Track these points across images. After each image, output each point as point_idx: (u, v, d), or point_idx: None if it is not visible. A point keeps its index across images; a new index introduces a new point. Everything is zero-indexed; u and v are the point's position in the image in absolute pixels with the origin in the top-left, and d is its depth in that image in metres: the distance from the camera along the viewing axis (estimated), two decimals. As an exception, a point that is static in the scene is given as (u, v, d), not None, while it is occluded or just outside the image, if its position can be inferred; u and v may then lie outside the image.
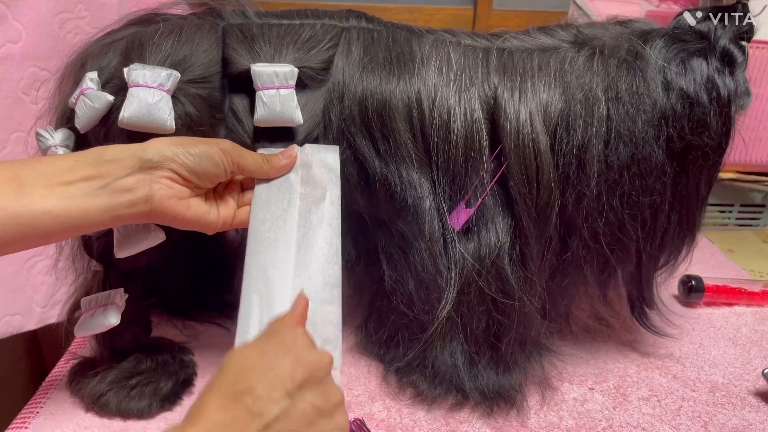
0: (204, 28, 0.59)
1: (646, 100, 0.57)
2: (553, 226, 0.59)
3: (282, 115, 0.57)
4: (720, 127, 0.59)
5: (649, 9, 1.03)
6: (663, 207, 0.60)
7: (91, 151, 0.48)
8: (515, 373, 0.64)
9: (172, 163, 0.48)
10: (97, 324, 0.59)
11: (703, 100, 0.57)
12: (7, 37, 0.77)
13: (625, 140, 0.57)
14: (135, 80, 0.53)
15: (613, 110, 0.57)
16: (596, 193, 0.58)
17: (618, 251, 0.61)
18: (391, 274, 0.63)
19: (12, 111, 0.79)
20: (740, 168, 0.98)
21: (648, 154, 0.57)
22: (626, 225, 0.59)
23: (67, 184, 0.46)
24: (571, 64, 0.59)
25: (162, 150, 0.48)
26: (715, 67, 0.58)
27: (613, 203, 0.58)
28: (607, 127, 0.57)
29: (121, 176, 0.47)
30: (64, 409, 0.63)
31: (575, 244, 0.60)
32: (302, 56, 0.59)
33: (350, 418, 0.62)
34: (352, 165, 0.60)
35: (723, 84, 0.58)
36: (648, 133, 0.57)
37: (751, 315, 0.82)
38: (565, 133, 0.58)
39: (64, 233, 0.47)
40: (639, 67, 0.58)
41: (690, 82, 0.58)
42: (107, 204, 0.47)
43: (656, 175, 0.58)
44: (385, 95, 0.59)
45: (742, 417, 0.64)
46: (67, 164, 0.46)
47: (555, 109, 0.58)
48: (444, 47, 0.61)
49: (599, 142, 0.57)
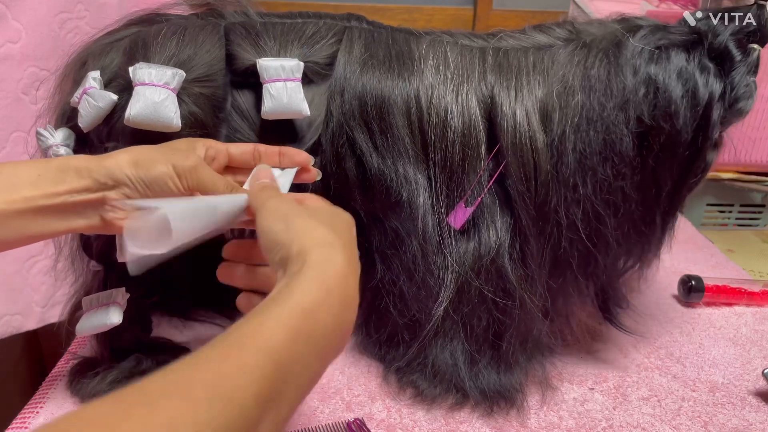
0: (207, 28, 0.59)
1: (615, 85, 0.56)
2: (551, 223, 0.59)
3: (290, 107, 0.57)
4: (690, 121, 0.57)
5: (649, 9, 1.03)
6: (630, 197, 0.58)
7: (54, 165, 0.48)
8: (516, 372, 0.64)
9: (125, 187, 0.48)
10: (98, 323, 0.59)
11: (672, 90, 0.56)
12: (6, 37, 0.77)
13: (596, 126, 0.56)
14: (141, 79, 0.53)
15: (585, 98, 0.57)
16: (573, 183, 0.58)
17: (597, 242, 0.60)
18: (384, 273, 0.63)
19: (12, 111, 0.79)
20: (740, 168, 0.98)
21: (618, 139, 0.56)
22: (602, 213, 0.58)
23: (28, 200, 0.46)
24: (556, 59, 0.59)
25: (115, 173, 0.47)
26: (699, 62, 0.57)
27: (587, 192, 0.57)
28: (581, 115, 0.57)
29: (78, 196, 0.47)
30: (64, 409, 0.63)
31: (560, 238, 0.59)
32: (307, 51, 0.59)
33: (350, 418, 0.62)
34: (350, 159, 0.61)
35: (704, 82, 0.57)
36: (618, 117, 0.56)
37: (751, 315, 0.82)
38: (549, 127, 0.57)
39: (22, 242, 0.48)
40: (614, 54, 0.57)
41: (660, 69, 0.56)
42: (64, 222, 0.48)
43: (627, 161, 0.57)
44: (384, 91, 0.59)
45: (742, 417, 0.64)
46: (30, 178, 0.46)
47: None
48: (441, 47, 0.61)
49: (572, 132, 0.57)
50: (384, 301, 0.64)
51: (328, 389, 0.66)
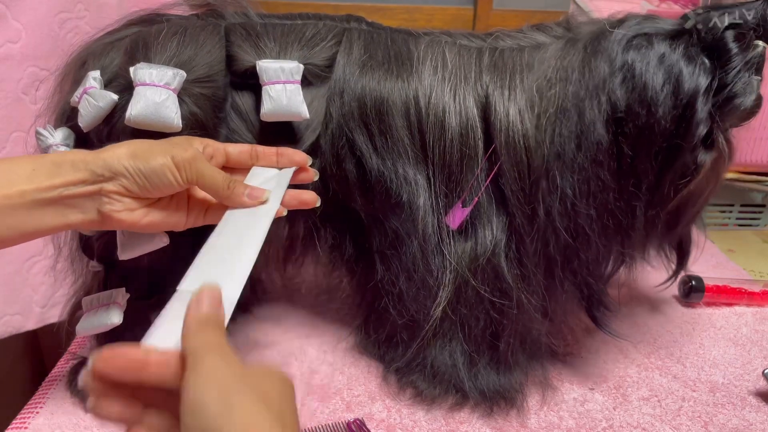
0: (207, 28, 0.59)
1: (587, 72, 0.56)
2: (545, 222, 0.59)
3: (289, 109, 0.57)
4: (670, 110, 0.55)
5: (649, 8, 1.03)
6: (607, 186, 0.57)
7: (49, 159, 0.48)
8: (516, 372, 0.64)
9: (123, 178, 0.47)
10: (98, 323, 0.59)
11: (649, 76, 0.55)
12: (6, 37, 0.77)
13: (569, 115, 0.56)
14: (141, 79, 0.53)
15: (561, 89, 0.57)
16: (551, 175, 0.57)
17: (576, 234, 0.59)
18: (383, 273, 0.63)
19: (12, 111, 0.79)
20: (740, 168, 0.98)
21: (591, 124, 0.56)
22: (579, 203, 0.57)
23: (23, 193, 0.46)
24: (543, 56, 0.59)
25: (113, 164, 0.47)
26: (685, 52, 0.55)
27: (565, 183, 0.57)
28: (556, 105, 0.57)
29: (74, 188, 0.47)
30: (64, 409, 0.63)
31: (546, 232, 0.59)
32: (307, 53, 0.59)
33: (350, 418, 0.62)
34: (350, 161, 0.61)
35: (690, 72, 0.55)
36: (591, 103, 0.56)
37: (751, 315, 0.82)
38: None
39: (19, 239, 0.47)
40: (593, 44, 0.57)
41: (639, 55, 0.55)
42: (60, 215, 0.47)
43: (602, 148, 0.56)
44: (383, 92, 0.59)
45: (742, 417, 0.64)
46: (25, 172, 0.46)
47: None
48: (439, 47, 0.61)
49: (548, 124, 0.57)
50: (383, 301, 0.64)
51: (328, 389, 0.66)
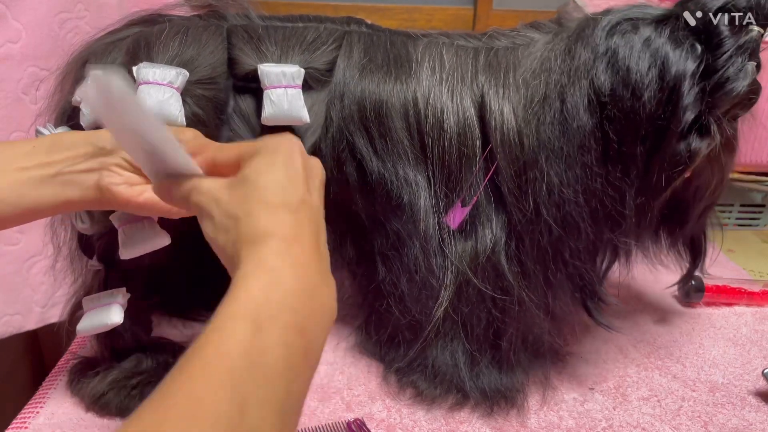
0: (209, 29, 0.59)
1: (569, 59, 0.56)
2: (536, 213, 0.58)
3: (290, 114, 0.57)
4: (655, 94, 0.54)
5: (649, 9, 1.03)
6: (594, 172, 0.57)
7: (49, 137, 0.49)
8: (518, 372, 0.64)
9: (123, 151, 0.48)
10: (99, 322, 0.59)
11: (633, 59, 0.54)
12: (6, 37, 0.77)
13: (552, 102, 0.56)
14: (144, 77, 0.53)
15: (545, 78, 0.57)
16: (539, 166, 0.57)
17: (565, 223, 0.58)
18: (385, 275, 0.63)
19: (12, 111, 0.79)
20: (740, 168, 0.98)
21: (574, 109, 0.55)
22: (566, 191, 0.57)
23: (22, 170, 0.46)
24: (532, 51, 0.59)
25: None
26: (671, 35, 0.54)
27: (551, 170, 0.57)
28: (541, 94, 0.57)
29: (74, 163, 0.47)
30: (64, 409, 0.63)
31: (539, 226, 0.58)
32: (308, 57, 0.59)
33: (350, 418, 0.62)
34: (351, 164, 0.61)
35: (677, 56, 0.54)
36: (572, 89, 0.55)
37: (751, 315, 0.82)
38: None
39: (18, 218, 0.48)
40: (577, 33, 0.57)
41: (623, 39, 0.55)
42: (59, 190, 0.47)
43: (586, 132, 0.55)
44: (382, 95, 0.59)
45: (742, 417, 0.64)
46: (24, 150, 0.47)
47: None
48: (437, 48, 0.61)
49: (533, 115, 0.57)
50: (385, 302, 0.64)
51: (328, 389, 0.66)
